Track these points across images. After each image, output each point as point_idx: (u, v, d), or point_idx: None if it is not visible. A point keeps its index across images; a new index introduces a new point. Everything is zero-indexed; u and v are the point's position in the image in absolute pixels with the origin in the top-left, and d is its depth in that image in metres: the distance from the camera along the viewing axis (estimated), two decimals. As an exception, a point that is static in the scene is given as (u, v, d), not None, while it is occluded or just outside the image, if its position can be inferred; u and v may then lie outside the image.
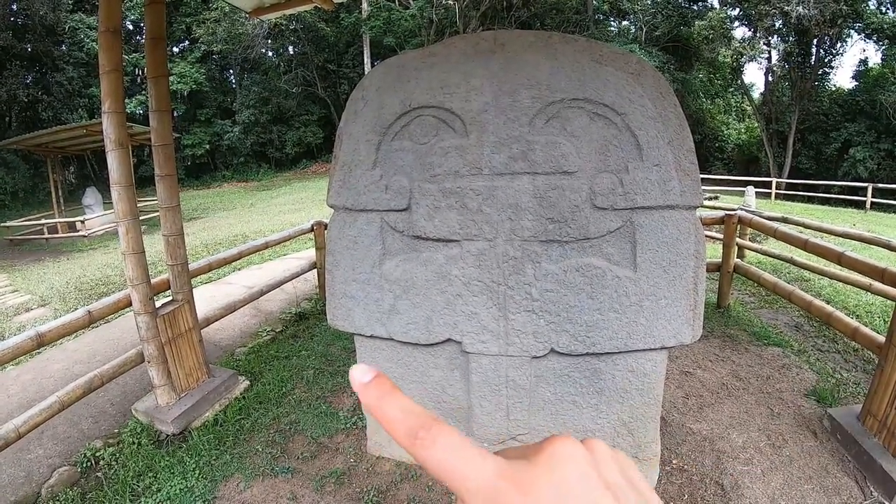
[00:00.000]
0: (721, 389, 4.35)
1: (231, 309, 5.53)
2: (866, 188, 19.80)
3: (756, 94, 34.72)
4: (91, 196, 18.28)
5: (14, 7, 27.72)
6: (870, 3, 25.89)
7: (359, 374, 0.40)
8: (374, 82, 2.89)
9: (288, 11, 5.46)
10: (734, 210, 7.85)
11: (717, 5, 29.91)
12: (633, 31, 32.79)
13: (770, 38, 27.88)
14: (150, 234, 12.35)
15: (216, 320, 5.32)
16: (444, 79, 2.70)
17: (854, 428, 3.50)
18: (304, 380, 4.86)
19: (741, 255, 7.28)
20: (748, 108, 34.13)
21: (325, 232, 3.24)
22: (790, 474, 3.34)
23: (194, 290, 4.45)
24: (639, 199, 2.60)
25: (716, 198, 18.77)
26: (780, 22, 26.20)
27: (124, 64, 3.75)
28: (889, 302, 5.07)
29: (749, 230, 7.54)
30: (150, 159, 6.24)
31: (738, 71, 30.57)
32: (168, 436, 4.04)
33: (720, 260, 6.23)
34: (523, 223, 2.71)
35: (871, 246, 7.05)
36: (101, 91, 3.53)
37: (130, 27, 31.92)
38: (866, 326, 4.28)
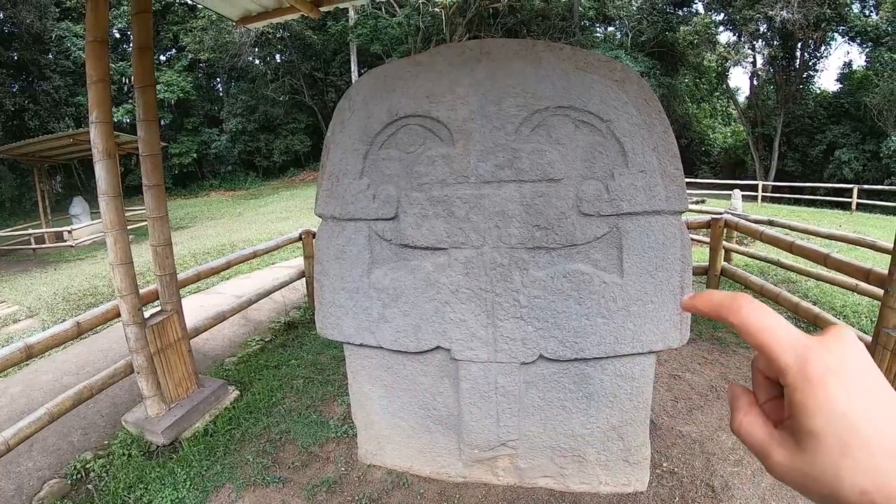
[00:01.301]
0: (710, 392, 4.38)
1: (220, 318, 5.51)
2: (852, 189, 19.97)
3: (741, 98, 34.99)
4: (78, 205, 18.17)
5: (0, 15, 27.56)
6: (853, 6, 26.17)
7: (685, 300, 0.51)
8: (361, 91, 2.90)
9: (275, 20, 5.47)
10: (720, 214, 7.91)
11: (701, 10, 30.14)
12: (619, 36, 33.01)
13: (755, 42, 28.08)
14: (137, 243, 12.30)
15: (205, 330, 5.30)
16: (430, 88, 2.72)
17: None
18: (294, 389, 4.85)
19: (728, 259, 7.33)
20: (734, 112, 34.42)
21: (314, 241, 3.24)
22: (779, 476, 3.36)
23: (183, 300, 4.44)
24: (625, 205, 2.62)
25: (702, 202, 18.87)
26: (765, 26, 26.45)
27: (111, 73, 3.74)
28: (875, 302, 5.11)
29: (735, 233, 7.60)
30: (138, 168, 6.21)
31: (723, 75, 30.80)
32: (158, 447, 4.02)
33: (707, 264, 6.27)
34: (510, 230, 2.73)
35: (857, 247, 7.10)
36: (89, 101, 3.52)
37: (117, 35, 31.80)
38: (853, 327, 4.31)
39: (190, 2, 31.61)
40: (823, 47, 27.74)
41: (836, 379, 0.39)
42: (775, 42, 27.19)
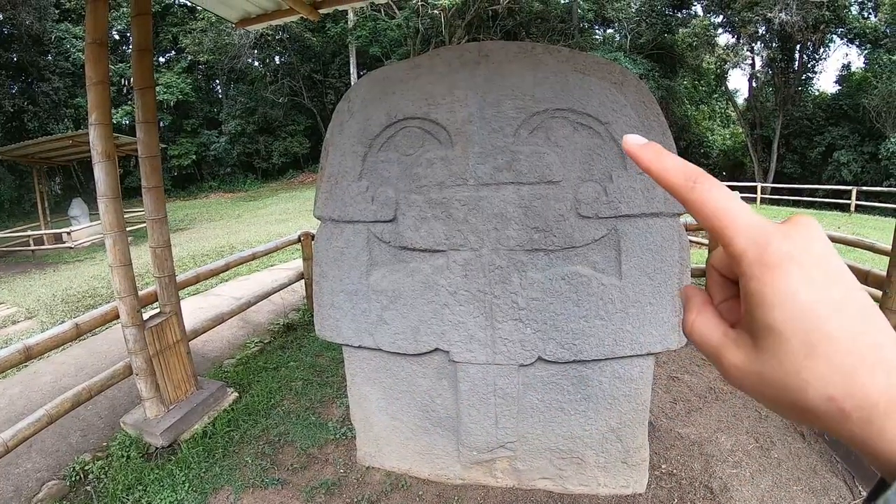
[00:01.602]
0: (709, 393, 4.38)
1: (219, 320, 5.51)
2: (850, 191, 19.99)
3: (740, 100, 34.96)
4: (77, 207, 18.17)
5: (0, 17, 27.56)
6: (852, 8, 26.17)
7: (634, 139, 0.44)
8: (360, 94, 2.91)
9: (274, 22, 5.47)
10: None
11: (700, 13, 30.15)
12: (618, 38, 33.02)
13: (754, 44, 28.10)
14: (136, 245, 12.28)
15: (204, 332, 5.30)
16: (429, 90, 2.72)
17: (840, 430, 3.53)
18: (292, 391, 4.85)
19: (727, 260, 7.31)
20: (733, 113, 34.41)
21: (313, 243, 3.24)
22: (779, 476, 3.37)
23: (182, 302, 4.44)
24: (623, 207, 2.63)
25: (702, 203, 18.83)
26: (764, 28, 26.46)
27: (110, 74, 3.74)
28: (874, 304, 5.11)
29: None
30: (137, 170, 6.22)
31: (722, 77, 30.81)
32: (157, 448, 4.02)
33: (705, 266, 6.27)
34: (509, 233, 2.73)
35: (856, 248, 7.11)
36: (88, 103, 3.53)
37: (117, 37, 31.79)
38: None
39: (189, 4, 31.64)
40: (822, 49, 27.75)
41: (798, 267, 0.35)
42: (774, 44, 27.20)
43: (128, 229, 4.09)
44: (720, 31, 29.28)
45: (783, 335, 0.34)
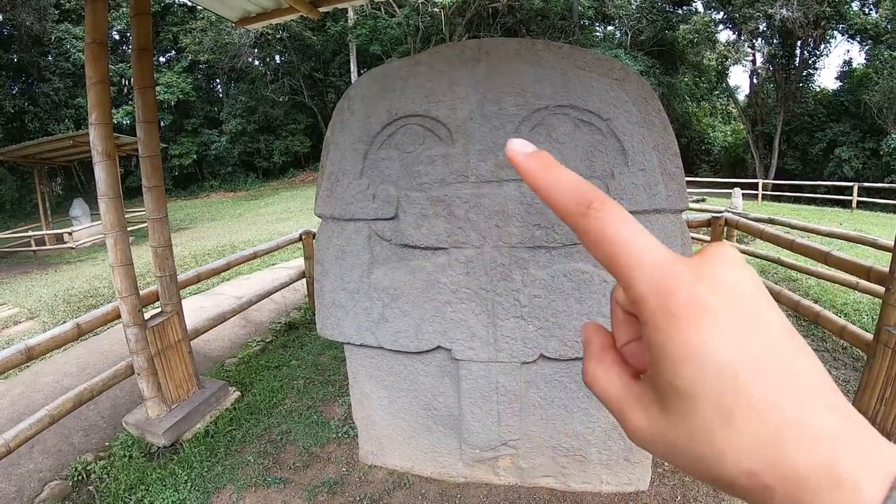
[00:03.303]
0: (711, 391, 4.36)
1: (220, 319, 5.51)
2: (852, 187, 19.95)
3: (741, 97, 34.99)
4: (78, 207, 18.18)
5: (0, 17, 27.58)
6: (853, 4, 26.14)
7: (519, 145, 0.38)
8: (360, 92, 2.90)
9: (274, 21, 5.46)
10: (721, 212, 7.90)
11: (701, 9, 30.11)
12: (619, 35, 33.03)
13: (754, 40, 28.07)
14: (137, 245, 12.30)
15: (205, 331, 5.30)
16: (430, 87, 2.72)
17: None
18: (294, 390, 4.85)
19: (729, 257, 7.30)
20: (734, 110, 34.40)
21: (314, 241, 3.23)
22: (780, 474, 3.36)
23: (183, 301, 4.43)
24: (625, 203, 2.61)
25: (702, 200, 18.87)
26: (765, 25, 26.43)
27: (111, 74, 3.74)
28: (876, 300, 5.11)
29: (736, 232, 7.60)
30: (137, 170, 6.22)
31: (723, 74, 30.76)
32: (159, 448, 4.02)
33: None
34: (510, 230, 2.73)
35: (858, 245, 7.10)
36: (88, 103, 3.52)
37: (117, 37, 31.81)
38: (854, 325, 4.31)
39: (189, 3, 31.67)
40: (823, 45, 27.71)
41: (710, 316, 0.29)
42: (775, 40, 27.18)
43: (129, 229, 4.09)
44: (721, 27, 29.28)
45: (693, 398, 0.29)
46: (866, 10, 26.34)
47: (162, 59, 34.58)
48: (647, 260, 0.31)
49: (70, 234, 15.82)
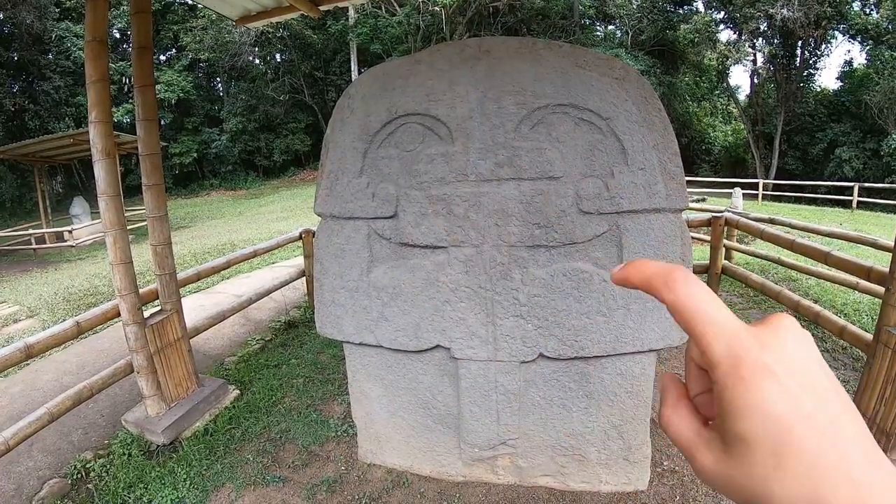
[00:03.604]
0: (710, 390, 4.36)
1: (220, 318, 5.51)
2: (852, 188, 19.92)
3: (742, 97, 35.01)
4: (78, 206, 18.17)
5: (0, 16, 27.57)
6: (854, 4, 26.14)
7: (616, 271, 0.46)
8: (360, 90, 2.90)
9: (274, 19, 5.46)
10: (721, 212, 7.90)
11: (702, 9, 30.12)
12: (619, 35, 33.05)
13: (755, 40, 28.08)
14: (137, 243, 12.30)
15: (205, 330, 5.29)
16: (430, 86, 2.71)
17: (842, 426, 3.52)
18: (294, 388, 4.84)
19: (729, 257, 7.33)
20: (734, 110, 34.40)
21: (313, 240, 3.24)
22: (779, 474, 3.35)
23: (183, 300, 4.43)
24: (624, 203, 2.62)
25: (703, 200, 18.87)
26: (765, 24, 26.44)
27: (111, 73, 3.73)
28: (876, 300, 5.11)
29: (736, 232, 7.59)
30: (138, 168, 6.22)
31: (723, 74, 30.77)
32: (158, 446, 4.02)
33: (708, 262, 6.26)
34: (510, 229, 2.72)
35: (858, 245, 7.10)
36: (88, 101, 3.52)
37: (117, 35, 31.84)
38: (854, 325, 4.31)
39: (190, 1, 31.70)
40: (824, 45, 27.71)
41: (772, 378, 0.35)
42: (776, 40, 27.18)
43: (129, 227, 4.09)
44: (722, 27, 29.29)
45: (752, 445, 0.35)
46: (867, 11, 26.34)
47: (162, 58, 34.60)
48: (721, 330, 0.38)
49: (70, 232, 15.81)
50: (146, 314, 4.06)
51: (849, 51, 74.54)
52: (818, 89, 29.77)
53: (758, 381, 0.35)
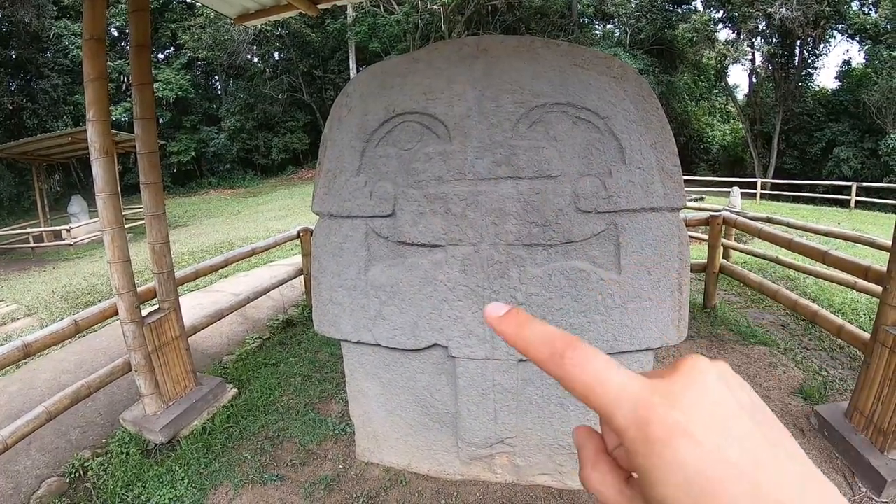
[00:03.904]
0: (708, 389, 4.36)
1: (218, 316, 5.51)
2: (851, 187, 19.93)
3: (740, 96, 35.02)
4: (76, 204, 18.13)
5: (-2, 14, 27.56)
6: (852, 4, 26.17)
7: (493, 310, 0.44)
8: (359, 89, 2.89)
9: (273, 18, 5.46)
10: (719, 211, 7.90)
11: (700, 8, 30.13)
12: (618, 34, 33.05)
13: (754, 39, 28.10)
14: (135, 242, 12.28)
15: (203, 328, 5.29)
16: (428, 84, 2.71)
17: (841, 424, 3.53)
18: (291, 387, 4.84)
19: (727, 256, 7.33)
20: (733, 109, 34.42)
21: (311, 239, 3.24)
22: (777, 472, 3.36)
23: (181, 298, 4.43)
24: (622, 201, 2.62)
25: (701, 199, 18.88)
26: (764, 24, 26.46)
27: (109, 71, 3.73)
28: (874, 299, 5.11)
29: (734, 231, 7.59)
30: (136, 167, 6.22)
31: (722, 73, 30.81)
32: (156, 445, 4.02)
33: (706, 261, 6.27)
34: (507, 227, 2.73)
35: (856, 244, 7.12)
36: (86, 99, 3.51)
37: (115, 34, 31.78)
38: (851, 324, 4.31)
39: (188, 0, 31.64)
40: (822, 45, 27.72)
41: (685, 436, 0.32)
42: (774, 39, 27.20)
43: (127, 226, 4.09)
44: (720, 26, 29.32)
45: None
46: (866, 10, 26.39)
47: (160, 56, 34.56)
48: (622, 395, 0.35)
49: (68, 230, 15.79)
50: (144, 313, 4.06)
51: (847, 50, 74.71)
52: (817, 89, 29.81)
53: (670, 441, 0.32)
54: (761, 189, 21.84)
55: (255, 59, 35.68)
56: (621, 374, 0.36)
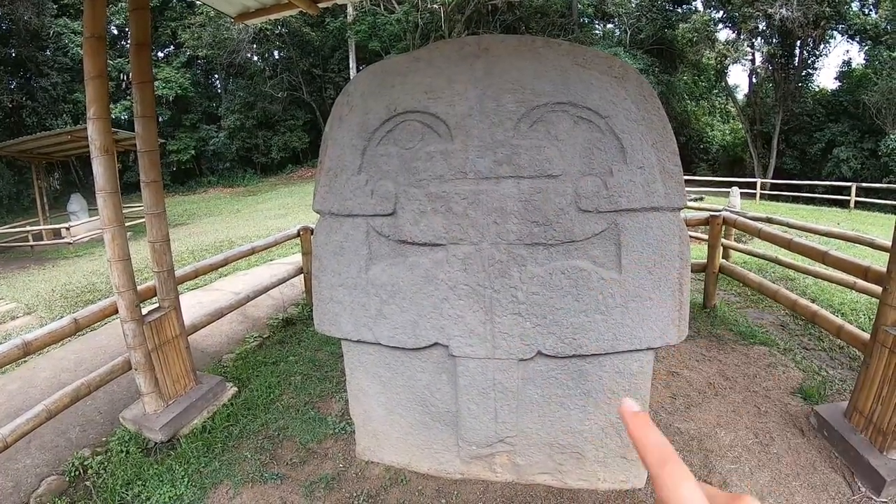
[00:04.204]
0: (708, 389, 4.38)
1: (218, 315, 5.50)
2: (850, 187, 19.93)
3: (740, 96, 35.02)
4: (76, 202, 18.13)
5: (-2, 12, 27.53)
6: (853, 4, 26.18)
7: (630, 405, 0.50)
8: (359, 87, 2.89)
9: (273, 16, 5.46)
10: (719, 211, 7.90)
11: (701, 8, 30.13)
12: (618, 34, 33.05)
13: (754, 40, 28.10)
14: (135, 240, 12.27)
15: (203, 327, 5.29)
16: (429, 83, 2.71)
17: (841, 424, 3.54)
18: (291, 385, 4.84)
19: (726, 256, 7.34)
20: (732, 109, 34.42)
21: (312, 237, 3.23)
22: (778, 471, 3.37)
23: (181, 297, 4.42)
24: (623, 201, 2.62)
25: (701, 199, 18.88)
26: (764, 24, 26.46)
27: (109, 69, 3.73)
28: (873, 299, 5.11)
29: (734, 231, 7.60)
30: (136, 165, 6.22)
31: (722, 73, 30.79)
32: (156, 443, 4.02)
33: (705, 261, 6.27)
34: (508, 227, 2.73)
35: (856, 244, 7.11)
36: (86, 97, 3.51)
37: (115, 32, 31.76)
38: (851, 324, 4.32)
39: (188, -2, 31.65)
40: (822, 45, 27.72)
41: None
42: (774, 40, 27.20)
43: (127, 224, 4.08)
44: (720, 26, 29.31)
45: None
46: (866, 11, 26.40)
47: (160, 55, 34.50)
48: None
49: (68, 229, 15.75)
50: (144, 311, 4.05)
51: (847, 51, 74.61)
52: (816, 89, 29.82)
53: None
54: (761, 189, 21.85)
55: (255, 58, 35.64)
56: (696, 495, 0.41)
